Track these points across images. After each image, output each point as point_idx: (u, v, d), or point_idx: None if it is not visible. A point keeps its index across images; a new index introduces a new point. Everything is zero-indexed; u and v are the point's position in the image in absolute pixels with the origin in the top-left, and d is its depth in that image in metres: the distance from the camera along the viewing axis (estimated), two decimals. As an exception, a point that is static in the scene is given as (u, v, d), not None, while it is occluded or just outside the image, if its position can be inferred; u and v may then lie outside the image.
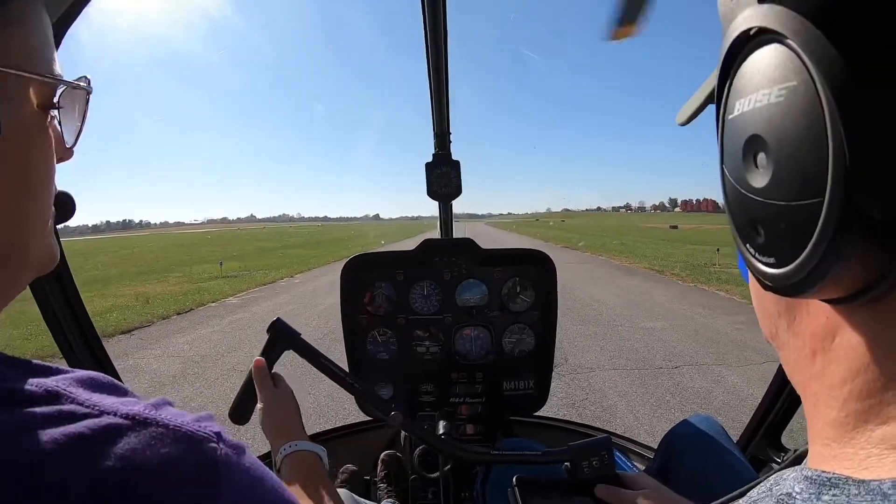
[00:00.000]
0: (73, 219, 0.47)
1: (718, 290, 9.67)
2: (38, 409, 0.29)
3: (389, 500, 1.53)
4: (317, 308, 8.48)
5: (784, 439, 1.42)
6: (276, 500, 0.38)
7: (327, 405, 3.99)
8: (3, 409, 0.29)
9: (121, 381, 0.38)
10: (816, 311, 0.26)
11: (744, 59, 0.24)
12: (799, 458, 0.38)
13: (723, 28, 0.28)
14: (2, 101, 0.32)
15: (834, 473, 0.23)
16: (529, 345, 1.52)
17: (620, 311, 7.64)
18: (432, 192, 1.59)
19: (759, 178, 0.23)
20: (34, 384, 0.31)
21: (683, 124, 0.39)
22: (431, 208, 1.72)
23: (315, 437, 1.75)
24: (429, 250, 1.51)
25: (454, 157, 1.58)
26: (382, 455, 1.66)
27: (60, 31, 0.85)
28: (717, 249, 16.02)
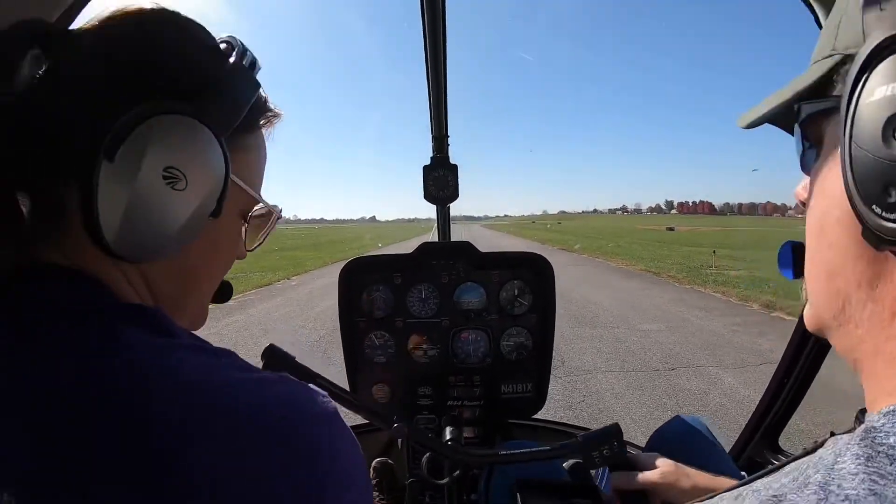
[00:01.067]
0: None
1: (715, 291, 9.71)
2: (229, 360, 0.41)
3: None
4: (313, 311, 8.45)
5: (781, 441, 1.42)
6: (361, 466, 0.45)
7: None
8: (214, 356, 0.41)
9: None
10: None
11: (886, 56, 0.30)
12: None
13: (835, 43, 0.37)
14: (228, 199, 0.46)
15: None
16: (527, 348, 1.51)
17: (617, 313, 7.66)
18: (429, 196, 1.58)
19: None
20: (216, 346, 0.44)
21: (750, 127, 0.46)
22: (428, 210, 1.71)
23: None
24: (426, 253, 1.50)
25: (452, 161, 1.58)
26: (374, 463, 1.65)
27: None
28: (714, 251, 16.10)
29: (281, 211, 0.56)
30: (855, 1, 0.34)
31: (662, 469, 0.88)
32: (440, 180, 1.57)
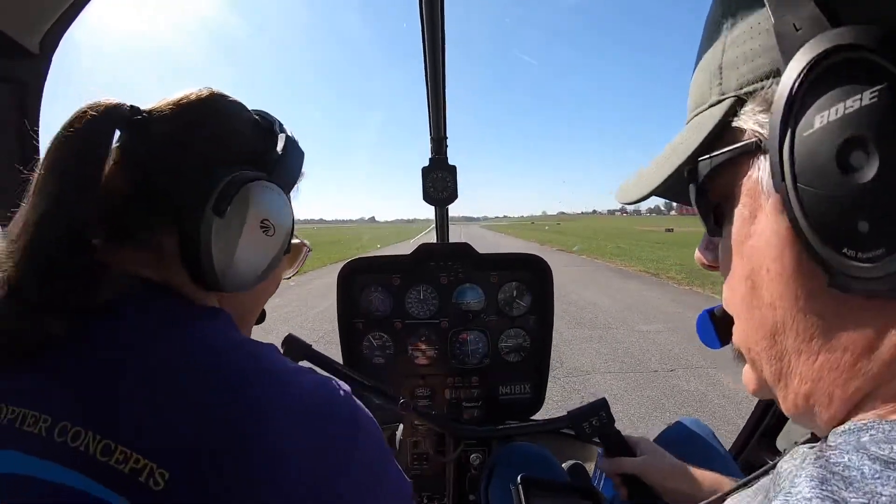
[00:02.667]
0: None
1: (714, 292, 9.71)
2: (276, 351, 0.51)
3: None
4: (312, 311, 8.44)
5: (780, 443, 1.42)
6: (381, 440, 0.52)
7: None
8: (265, 346, 0.50)
9: None
10: (862, 318, 0.29)
11: (818, 78, 0.27)
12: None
13: (722, 87, 0.35)
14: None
15: (865, 420, 0.28)
16: (526, 349, 1.52)
17: (616, 314, 7.66)
18: (428, 197, 1.58)
19: (863, 174, 0.25)
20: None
21: (632, 204, 0.45)
22: (427, 211, 1.72)
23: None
24: (425, 255, 1.51)
25: (451, 162, 1.59)
26: None
27: (60, 30, 0.85)
28: (712, 253, 16.10)
29: (310, 248, 0.73)
30: (749, 31, 0.33)
31: (646, 458, 0.90)
32: (439, 182, 1.57)
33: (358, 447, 0.46)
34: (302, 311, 8.48)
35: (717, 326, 0.45)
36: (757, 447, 1.42)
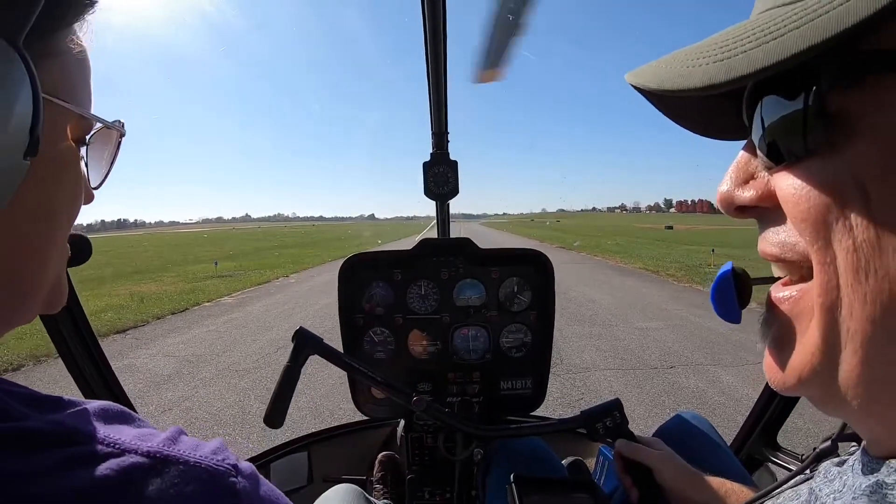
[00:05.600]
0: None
1: (713, 290, 9.71)
2: (57, 451, 0.28)
3: (386, 500, 1.53)
4: (312, 308, 8.45)
5: (780, 439, 1.42)
6: None
7: (323, 405, 3.98)
8: (17, 455, 0.27)
9: (133, 408, 0.38)
10: None
11: None
12: (821, 456, 0.36)
13: None
14: (46, 128, 0.32)
15: None
16: (527, 344, 1.52)
17: (615, 312, 7.67)
18: (429, 192, 1.58)
19: None
20: (48, 422, 0.30)
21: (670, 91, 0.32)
22: (427, 209, 1.72)
23: (312, 437, 1.75)
24: (426, 250, 1.50)
25: (452, 157, 1.58)
26: (380, 456, 1.66)
27: None
28: (713, 250, 16.11)
29: (123, 125, 0.43)
30: None
31: (660, 454, 0.90)
32: (440, 177, 1.57)
33: None
34: (302, 308, 8.49)
35: (741, 289, 0.37)
36: (758, 442, 1.42)
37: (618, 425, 0.99)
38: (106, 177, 0.44)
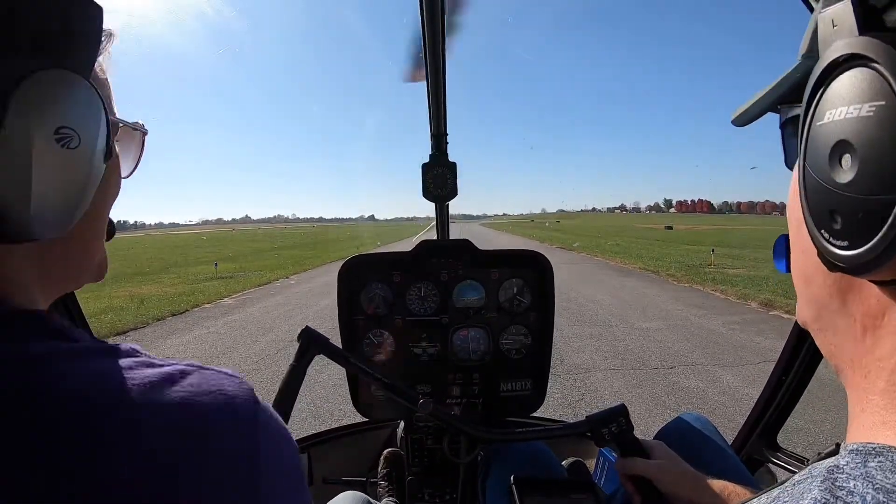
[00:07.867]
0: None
1: (713, 290, 9.72)
2: (127, 358, 0.37)
3: (390, 498, 1.52)
4: (311, 309, 8.45)
5: (780, 439, 1.42)
6: (295, 458, 0.43)
7: (323, 407, 3.98)
8: (109, 357, 0.37)
9: None
10: (868, 294, 0.31)
11: (837, 77, 0.29)
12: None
13: (809, 46, 0.35)
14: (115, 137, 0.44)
15: (878, 444, 0.27)
16: (527, 346, 1.51)
17: (616, 312, 7.67)
18: (428, 194, 1.58)
19: (844, 175, 0.28)
20: (117, 343, 0.40)
21: (740, 125, 0.45)
22: (427, 209, 1.71)
23: (312, 438, 1.75)
24: (426, 251, 1.50)
25: (451, 159, 1.58)
26: (385, 453, 1.65)
27: None
28: (712, 250, 16.11)
29: (144, 126, 0.51)
30: (815, 14, 0.34)
31: (661, 463, 0.90)
32: (439, 178, 1.57)
33: (260, 454, 0.36)
34: (302, 309, 8.48)
35: (790, 253, 0.43)
36: (758, 443, 1.42)
37: (623, 431, 0.98)
38: (134, 169, 0.53)
